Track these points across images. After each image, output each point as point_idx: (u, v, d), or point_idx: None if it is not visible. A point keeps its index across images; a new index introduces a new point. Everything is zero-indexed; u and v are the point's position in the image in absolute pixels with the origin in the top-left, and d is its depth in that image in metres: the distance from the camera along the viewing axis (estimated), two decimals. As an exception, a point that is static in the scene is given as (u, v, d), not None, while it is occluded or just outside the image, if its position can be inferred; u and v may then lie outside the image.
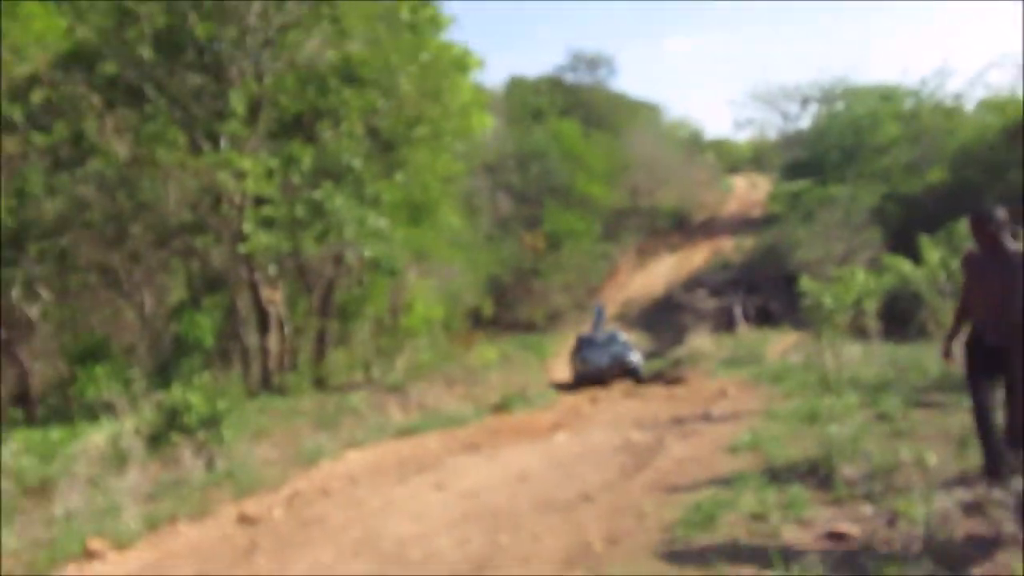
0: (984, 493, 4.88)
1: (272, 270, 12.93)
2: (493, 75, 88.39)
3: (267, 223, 11.81)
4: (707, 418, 9.01)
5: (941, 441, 6.71)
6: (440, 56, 14.67)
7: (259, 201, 12.49)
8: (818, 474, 5.82)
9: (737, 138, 64.87)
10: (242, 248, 11.50)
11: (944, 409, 7.47)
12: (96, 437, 7.64)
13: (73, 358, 11.71)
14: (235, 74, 12.54)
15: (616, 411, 11.53)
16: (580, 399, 14.80)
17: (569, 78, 47.13)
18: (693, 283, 33.63)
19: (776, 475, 5.85)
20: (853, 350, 11.62)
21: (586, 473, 6.57)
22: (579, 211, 37.62)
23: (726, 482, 5.74)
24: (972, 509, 4.74)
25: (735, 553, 4.44)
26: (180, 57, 12.36)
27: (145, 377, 10.41)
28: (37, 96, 11.94)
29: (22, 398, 12.70)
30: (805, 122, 39.97)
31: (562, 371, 25.40)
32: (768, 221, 38.92)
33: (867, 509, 5.18)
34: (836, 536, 4.72)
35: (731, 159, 63.17)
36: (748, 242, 39.43)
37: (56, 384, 12.03)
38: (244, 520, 6.22)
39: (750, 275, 32.55)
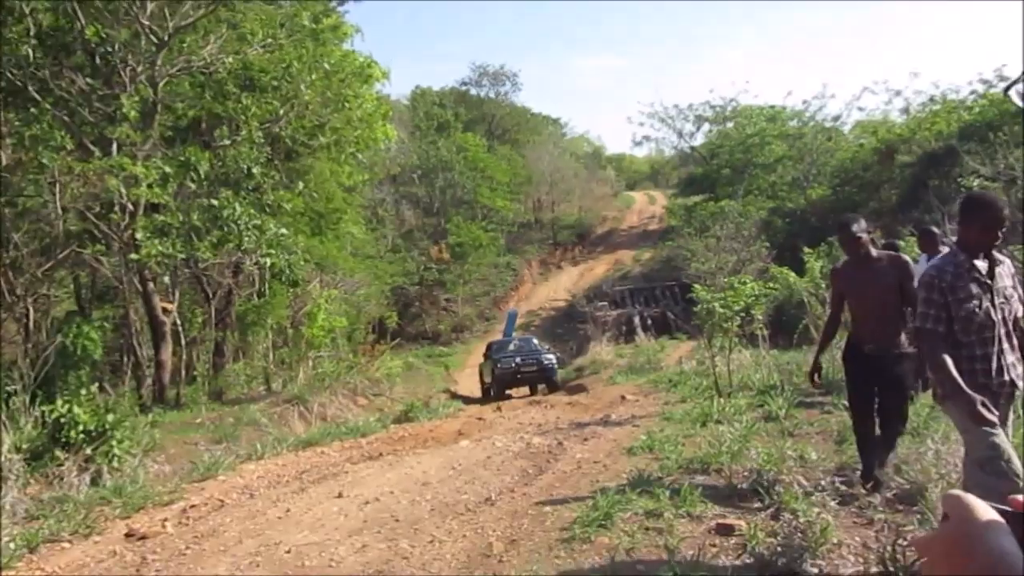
0: (860, 491, 5.24)
1: (166, 280, 12.49)
2: (398, 86, 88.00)
3: (161, 231, 11.41)
4: (606, 422, 9.24)
5: (821, 438, 7.14)
6: (343, 65, 14.57)
7: (153, 208, 12.07)
8: (708, 472, 6.09)
9: (636, 154, 66.71)
10: (134, 257, 11.05)
11: (824, 408, 7.95)
12: (-30, 456, 7.18)
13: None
14: (128, 77, 12.09)
15: (519, 419, 11.65)
16: (484, 409, 14.90)
17: (473, 91, 47.43)
18: (594, 294, 34.31)
19: (670, 474, 6.09)
20: (743, 356, 12.18)
21: (487, 478, 6.65)
22: (483, 223, 37.85)
23: (623, 482, 5.93)
24: (847, 502, 5.08)
25: (631, 548, 4.60)
26: (68, 58, 11.83)
27: (27, 392, 9.85)
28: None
29: None
30: (699, 140, 41.53)
31: (469, 383, 25.43)
32: (665, 234, 40.23)
33: (754, 503, 5.48)
34: (725, 528, 4.98)
35: (630, 174, 64.92)
36: (647, 254, 40.62)
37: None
38: (133, 536, 5.98)
39: (649, 286, 33.53)
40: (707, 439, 6.76)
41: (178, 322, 13.08)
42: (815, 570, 4.29)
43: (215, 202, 11.62)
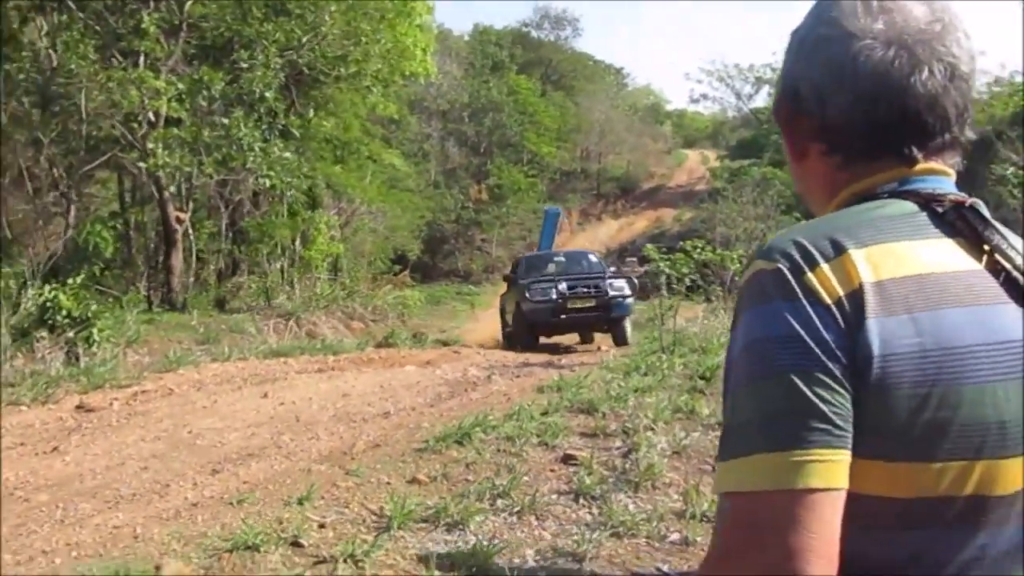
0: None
1: (179, 190, 13.33)
2: (460, 22, 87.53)
3: (174, 144, 12.20)
4: (551, 364, 9.80)
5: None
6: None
7: (175, 122, 12.84)
8: (592, 412, 6.61)
9: (700, 111, 65.52)
10: (143, 165, 11.89)
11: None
12: (-37, 325, 8.13)
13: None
14: (156, -7, 12.77)
15: (493, 355, 12.25)
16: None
17: (533, 34, 47.14)
18: (628, 250, 34.50)
19: (557, 410, 6.63)
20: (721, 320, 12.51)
21: (403, 397, 7.29)
22: (526, 168, 38.12)
23: (511, 412, 6.50)
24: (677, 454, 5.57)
25: (473, 462, 5.20)
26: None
27: (35, 278, 10.82)
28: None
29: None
30: (760, 103, 40.82)
31: (491, 324, 25.96)
32: (710, 195, 39.96)
33: (616, 443, 6.01)
34: (569, 458, 5.53)
35: (691, 132, 63.86)
36: (688, 214, 40.41)
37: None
38: (82, 408, 6.83)
39: (680, 247, 33.48)
40: (601, 384, 7.26)
41: (190, 231, 13.96)
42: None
43: (226, 121, 12.32)
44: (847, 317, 0.76)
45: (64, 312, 8.63)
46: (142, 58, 12.76)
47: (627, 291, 12.78)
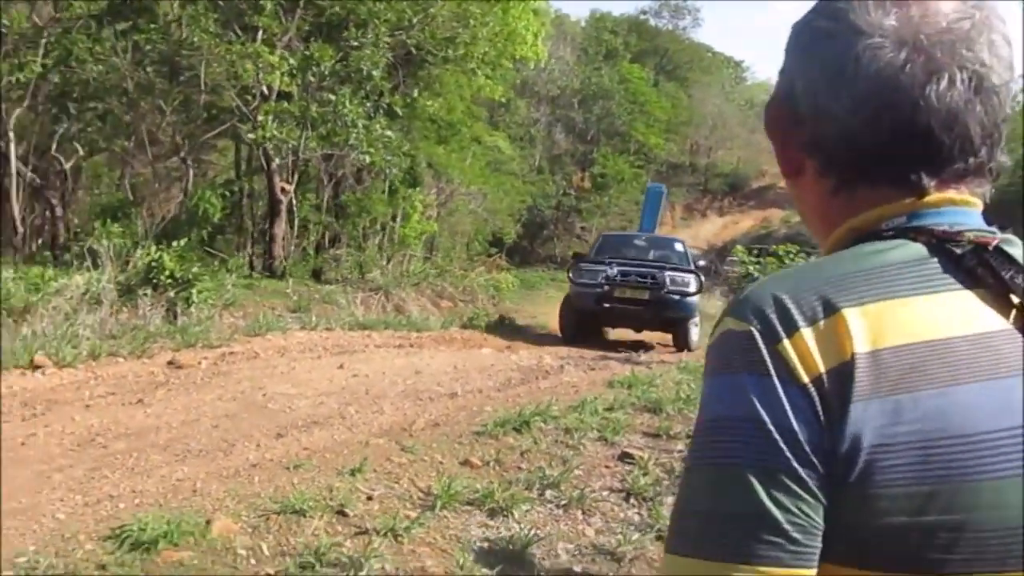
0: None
1: (287, 162, 13.87)
2: (577, 7, 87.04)
3: (282, 117, 12.68)
4: (628, 360, 9.70)
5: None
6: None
7: (281, 96, 13.34)
8: (657, 412, 6.51)
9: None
10: (251, 136, 12.43)
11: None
12: (78, 279, 8.74)
13: (95, 212, 12.96)
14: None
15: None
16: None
17: (652, 22, 46.36)
18: (729, 250, 33.64)
19: (622, 406, 6.56)
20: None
21: (475, 379, 7.38)
22: (632, 158, 37.64)
23: (576, 403, 6.48)
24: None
25: (527, 450, 5.22)
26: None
27: (151, 238, 11.50)
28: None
29: (52, 243, 14.06)
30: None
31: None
32: (823, 199, 38.39)
33: (678, 445, 5.90)
34: (626, 456, 5.47)
35: (809, 131, 61.39)
36: (796, 216, 39.02)
37: (80, 233, 13.29)
38: (172, 365, 7.24)
39: (772, 250, 32.38)
40: (672, 384, 7.13)
41: (294, 202, 14.49)
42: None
43: (333, 97, 12.71)
44: (827, 402, 0.62)
45: (167, 272, 9.14)
46: (260, 33, 13.29)
47: (691, 288, 11.11)
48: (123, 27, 13.05)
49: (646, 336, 12.41)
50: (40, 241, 15.21)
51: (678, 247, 13.16)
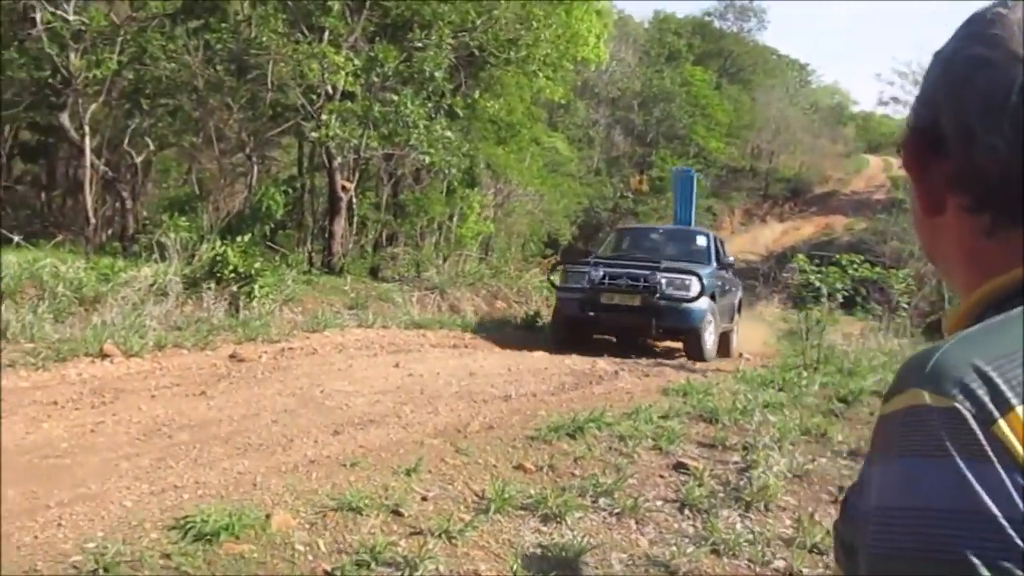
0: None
1: (348, 160, 14.09)
2: (642, 8, 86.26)
3: (345, 116, 12.89)
4: (683, 367, 9.58)
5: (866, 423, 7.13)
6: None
7: (345, 96, 13.56)
8: (713, 421, 6.42)
9: (889, 114, 61.28)
10: (314, 135, 12.67)
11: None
12: (146, 270, 9.01)
13: (163, 205, 13.37)
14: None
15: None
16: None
17: (716, 24, 45.80)
18: (789, 257, 33.01)
19: (677, 415, 6.48)
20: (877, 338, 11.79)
21: (527, 382, 7.38)
22: (692, 161, 37.22)
23: (630, 410, 6.43)
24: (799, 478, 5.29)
25: (580, 457, 5.20)
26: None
27: (216, 232, 11.80)
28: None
29: (122, 234, 14.54)
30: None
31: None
32: (889, 207, 37.44)
33: (734, 456, 5.81)
34: (681, 466, 5.41)
35: (876, 136, 59.91)
36: (861, 224, 38.08)
37: (148, 225, 13.72)
38: (234, 358, 7.41)
39: (834, 259, 31.62)
40: (729, 394, 7.02)
41: (354, 201, 14.71)
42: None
43: (395, 98, 12.87)
44: None
45: (231, 267, 9.37)
46: (326, 34, 13.52)
47: (692, 292, 9.80)
48: (195, 26, 13.41)
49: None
50: (110, 232, 15.75)
51: (700, 241, 11.62)
